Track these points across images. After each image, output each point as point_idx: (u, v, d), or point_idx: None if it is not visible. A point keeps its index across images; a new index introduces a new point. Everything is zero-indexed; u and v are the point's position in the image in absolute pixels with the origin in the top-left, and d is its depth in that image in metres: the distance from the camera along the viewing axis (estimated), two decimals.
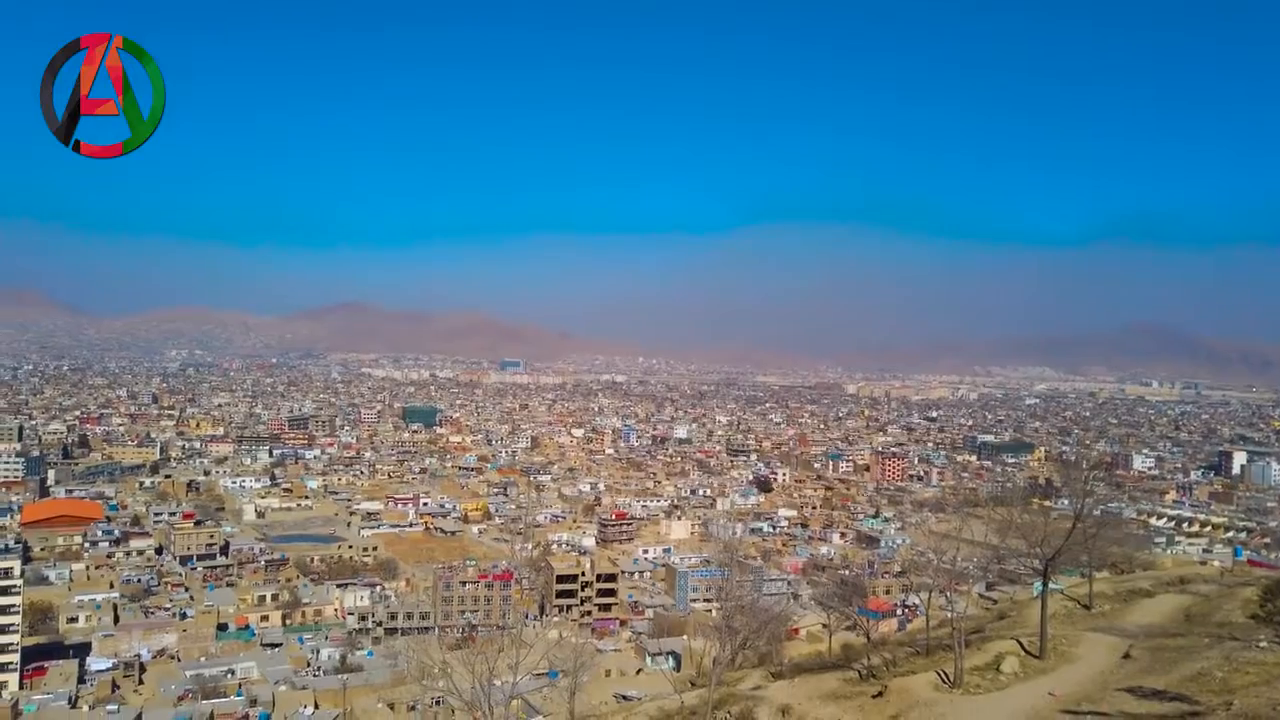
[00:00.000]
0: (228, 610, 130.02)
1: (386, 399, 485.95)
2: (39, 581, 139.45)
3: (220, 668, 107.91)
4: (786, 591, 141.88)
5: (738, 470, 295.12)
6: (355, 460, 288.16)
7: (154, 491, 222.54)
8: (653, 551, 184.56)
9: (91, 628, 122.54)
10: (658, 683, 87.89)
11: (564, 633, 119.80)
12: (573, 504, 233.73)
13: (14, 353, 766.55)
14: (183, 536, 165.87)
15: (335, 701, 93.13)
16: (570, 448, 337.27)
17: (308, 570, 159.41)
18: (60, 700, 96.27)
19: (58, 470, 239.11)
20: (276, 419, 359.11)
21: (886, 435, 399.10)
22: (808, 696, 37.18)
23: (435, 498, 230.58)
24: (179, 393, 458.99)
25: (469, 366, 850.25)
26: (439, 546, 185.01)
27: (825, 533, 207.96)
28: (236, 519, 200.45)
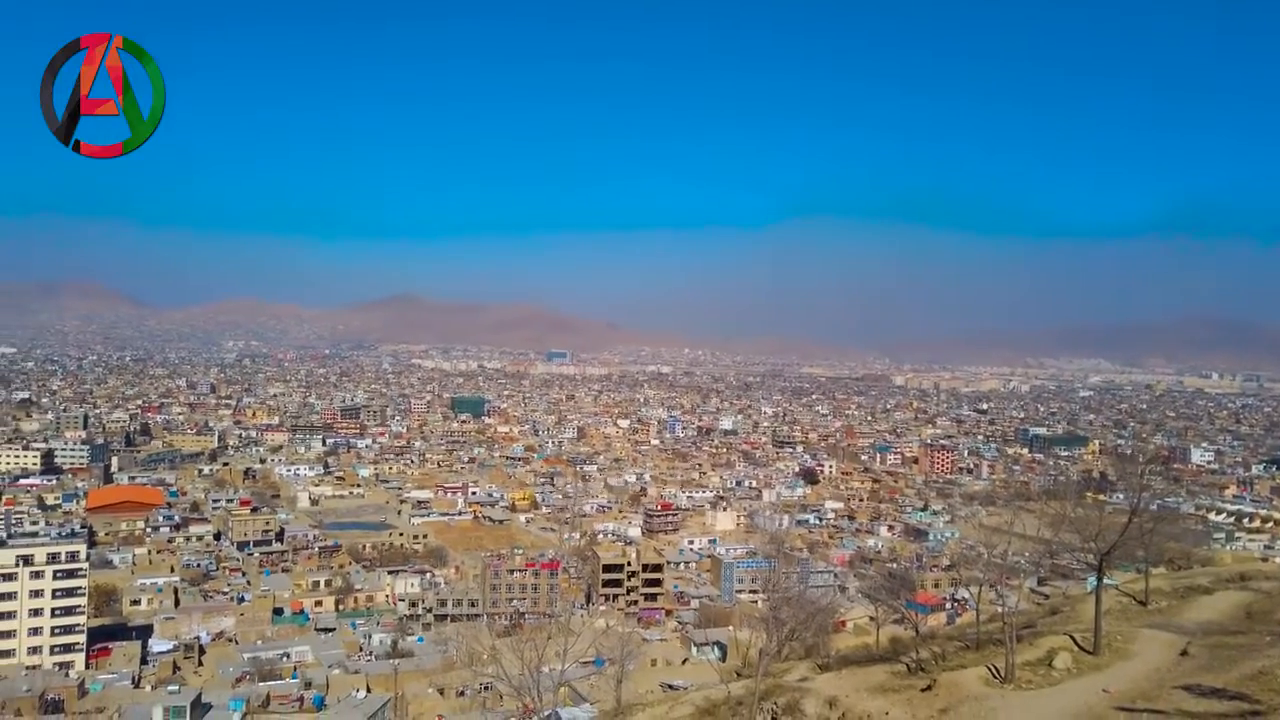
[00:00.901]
0: (283, 595, 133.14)
1: (436, 389, 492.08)
2: (103, 565, 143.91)
3: (276, 651, 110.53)
4: (833, 584, 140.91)
5: (784, 462, 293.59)
6: (405, 449, 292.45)
7: (212, 479, 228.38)
8: (698, 542, 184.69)
9: (153, 610, 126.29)
10: (703, 673, 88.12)
11: (610, 622, 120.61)
12: (618, 494, 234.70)
13: (79, 343, 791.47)
14: (240, 523, 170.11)
15: (387, 686, 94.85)
16: (616, 438, 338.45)
17: (360, 557, 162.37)
18: (124, 680, 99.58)
19: (121, 457, 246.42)
20: (330, 409, 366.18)
21: (935, 427, 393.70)
22: (855, 689, 37.01)
23: (483, 487, 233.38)
24: (236, 383, 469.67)
25: (516, 357, 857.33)
26: (487, 535, 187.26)
27: (873, 525, 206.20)
28: (291, 506, 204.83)
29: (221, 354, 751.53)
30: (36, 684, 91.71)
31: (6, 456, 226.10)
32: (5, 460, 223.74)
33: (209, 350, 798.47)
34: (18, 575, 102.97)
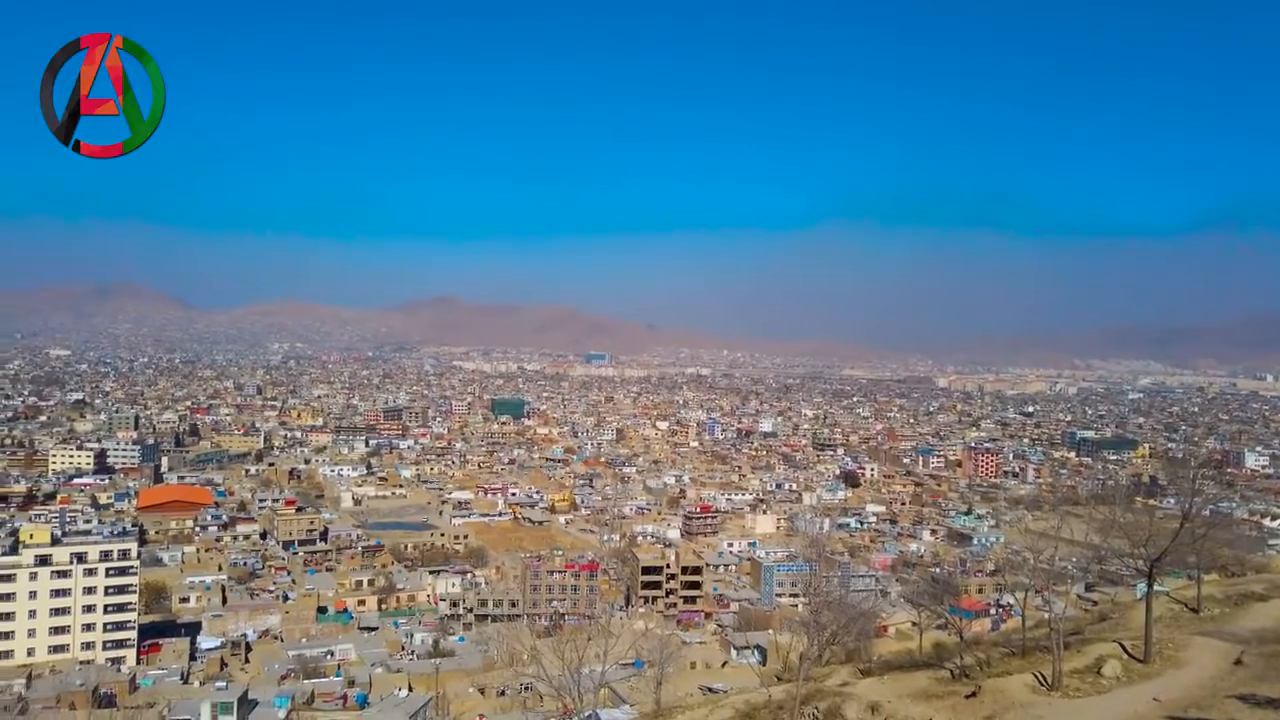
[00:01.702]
0: (327, 594, 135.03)
1: (476, 391, 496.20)
2: (153, 563, 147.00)
3: (320, 649, 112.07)
4: (875, 588, 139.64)
5: (824, 465, 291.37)
6: (446, 450, 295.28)
7: (258, 479, 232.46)
8: (737, 545, 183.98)
9: (201, 608, 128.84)
10: (743, 676, 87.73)
11: (650, 624, 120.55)
12: (657, 496, 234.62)
13: (131, 346, 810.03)
14: (285, 522, 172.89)
15: (428, 685, 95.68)
16: (655, 440, 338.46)
17: (402, 557, 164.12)
18: (173, 676, 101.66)
19: (170, 457, 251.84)
20: (372, 410, 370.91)
21: (979, 430, 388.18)
22: (897, 694, 36.62)
23: (523, 488, 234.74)
24: (281, 384, 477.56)
25: (556, 359, 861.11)
26: (527, 536, 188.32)
27: (915, 529, 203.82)
28: (335, 506, 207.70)
29: (267, 356, 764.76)
30: (90, 678, 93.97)
31: (61, 456, 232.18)
32: (60, 460, 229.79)
33: (255, 352, 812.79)
34: (72, 572, 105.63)
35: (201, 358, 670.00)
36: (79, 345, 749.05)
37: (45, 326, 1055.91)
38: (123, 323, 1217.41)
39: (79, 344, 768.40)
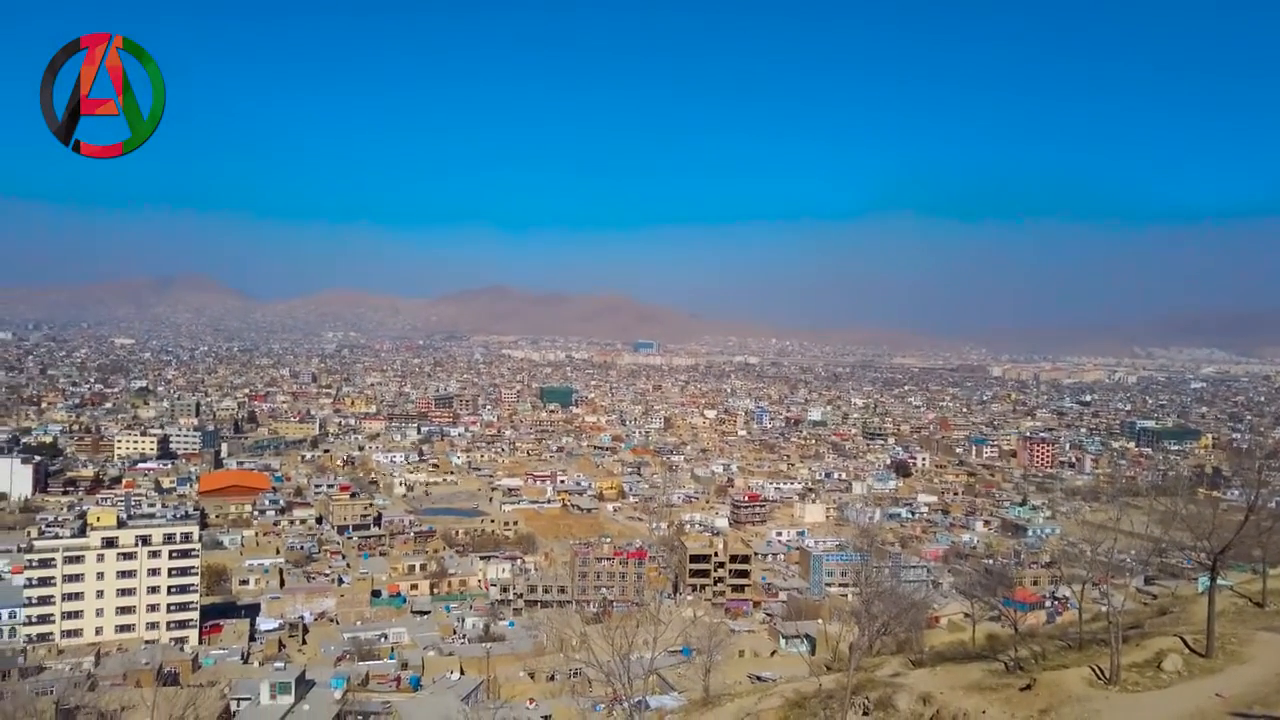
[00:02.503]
0: (380, 578, 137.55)
1: (525, 379, 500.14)
2: (214, 546, 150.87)
3: (375, 632, 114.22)
4: (926, 579, 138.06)
5: (874, 454, 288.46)
6: (496, 438, 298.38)
7: (314, 465, 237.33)
8: (786, 534, 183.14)
9: (260, 590, 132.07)
10: (792, 665, 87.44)
11: (698, 612, 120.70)
12: (705, 485, 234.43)
13: (191, 335, 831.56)
14: (340, 507, 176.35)
15: (479, 668, 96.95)
16: (703, 429, 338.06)
17: (453, 542, 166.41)
18: (234, 656, 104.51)
19: (230, 443, 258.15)
20: (424, 398, 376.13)
21: (1035, 420, 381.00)
22: (950, 686, 36.17)
23: (571, 476, 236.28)
24: (335, 372, 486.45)
25: (603, 348, 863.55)
26: (575, 523, 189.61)
27: (968, 520, 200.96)
28: (388, 492, 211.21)
29: (322, 344, 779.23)
30: (155, 657, 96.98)
31: (126, 442, 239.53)
32: (125, 445, 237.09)
33: (310, 341, 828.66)
34: (137, 554, 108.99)
35: (259, 346, 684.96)
36: (142, 334, 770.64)
37: (110, 316, 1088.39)
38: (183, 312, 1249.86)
39: (142, 333, 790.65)
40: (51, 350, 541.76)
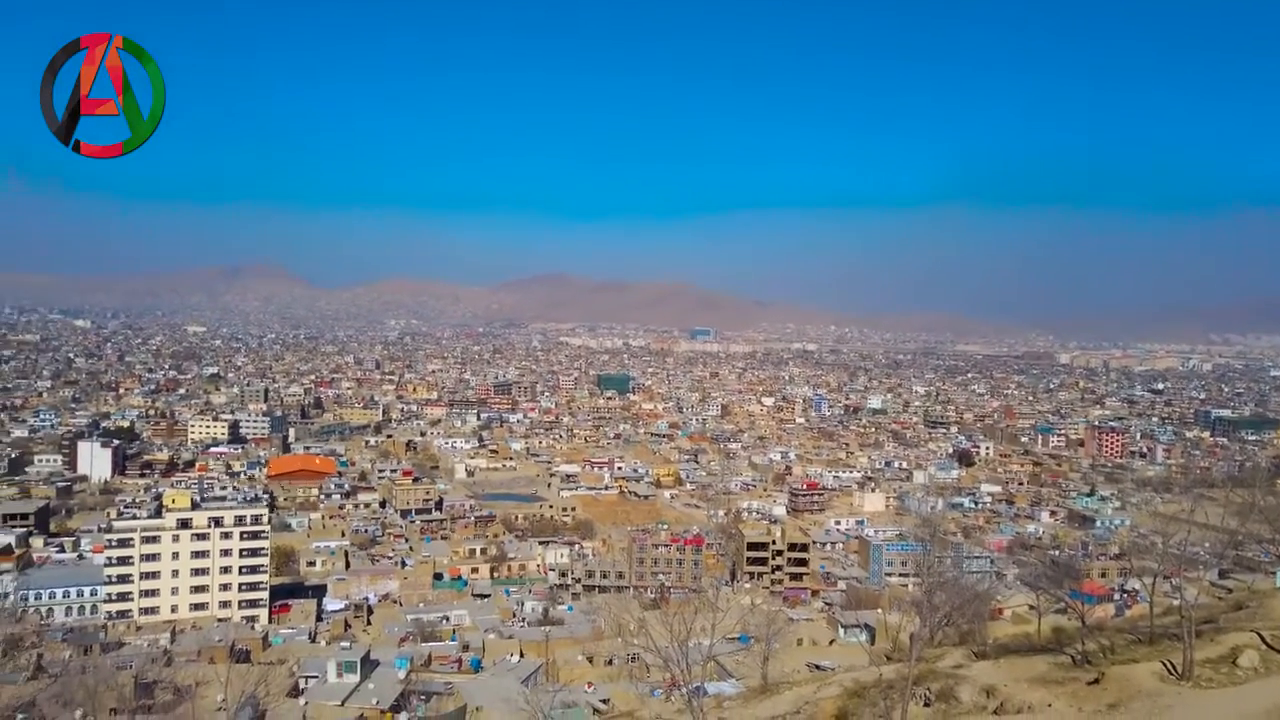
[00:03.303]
0: (442, 561, 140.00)
1: (583, 366, 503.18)
2: (282, 528, 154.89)
3: (436, 614, 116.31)
4: (989, 570, 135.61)
5: (936, 443, 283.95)
6: (554, 425, 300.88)
7: (377, 450, 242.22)
8: (845, 523, 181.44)
9: (326, 572, 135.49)
10: (851, 654, 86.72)
11: (756, 599, 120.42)
12: (763, 472, 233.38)
13: (259, 322, 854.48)
14: (403, 492, 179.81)
15: (539, 652, 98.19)
16: (760, 416, 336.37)
17: (512, 527, 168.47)
18: (302, 635, 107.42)
19: (297, 428, 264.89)
20: (483, 384, 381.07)
21: (1104, 408, 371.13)
22: (1014, 678, 35.53)
23: (629, 462, 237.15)
24: (398, 359, 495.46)
25: (661, 335, 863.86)
26: (633, 509, 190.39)
27: (1033, 510, 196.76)
28: (449, 477, 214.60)
29: (385, 332, 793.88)
30: (228, 635, 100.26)
31: (199, 427, 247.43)
32: (198, 430, 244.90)
33: (374, 328, 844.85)
34: (210, 535, 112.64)
35: (324, 334, 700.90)
36: (213, 322, 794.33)
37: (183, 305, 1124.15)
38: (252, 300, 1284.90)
39: (213, 321, 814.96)
40: (128, 337, 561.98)
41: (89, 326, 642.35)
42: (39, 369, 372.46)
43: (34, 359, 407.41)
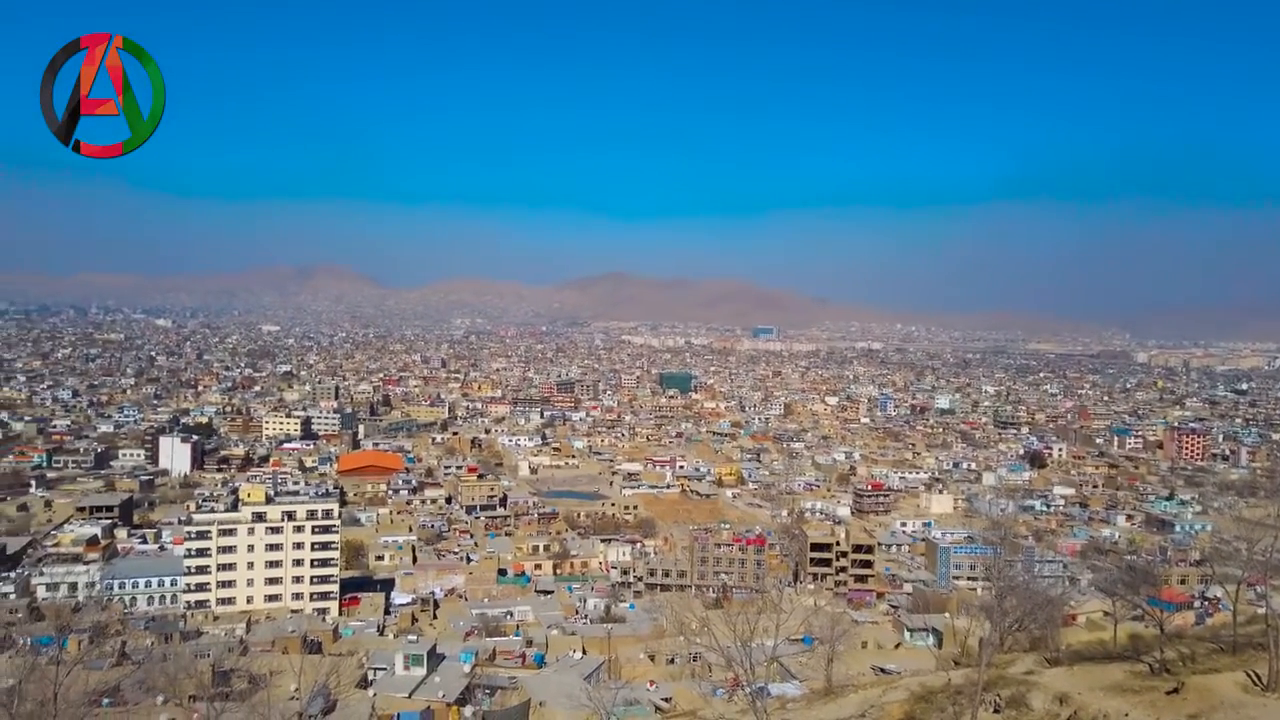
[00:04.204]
0: (506, 557, 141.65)
1: (645, 365, 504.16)
2: (352, 523, 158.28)
3: (501, 609, 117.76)
4: (1063, 574, 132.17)
5: (1006, 444, 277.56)
6: (616, 423, 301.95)
7: (443, 446, 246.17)
8: (911, 524, 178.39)
9: (394, 566, 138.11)
10: (918, 658, 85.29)
11: (819, 601, 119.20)
12: (826, 472, 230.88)
13: (330, 321, 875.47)
14: (468, 488, 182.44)
15: (601, 648, 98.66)
16: (824, 415, 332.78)
17: (575, 524, 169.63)
18: (370, 628, 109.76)
19: (366, 425, 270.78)
20: (547, 383, 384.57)
21: (1184, 409, 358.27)
22: (1089, 686, 34.55)
23: (691, 461, 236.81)
24: (463, 358, 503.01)
25: (723, 334, 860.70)
26: (694, 508, 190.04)
27: (1108, 514, 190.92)
28: (513, 474, 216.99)
29: (450, 330, 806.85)
30: (300, 626, 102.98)
31: (273, 423, 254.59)
32: (272, 426, 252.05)
33: (440, 327, 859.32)
34: (283, 529, 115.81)
35: (392, 332, 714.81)
36: (286, 321, 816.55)
37: (258, 304, 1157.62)
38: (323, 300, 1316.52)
39: (286, 320, 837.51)
40: (207, 336, 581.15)
41: (170, 325, 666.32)
42: (123, 366, 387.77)
43: (119, 357, 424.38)
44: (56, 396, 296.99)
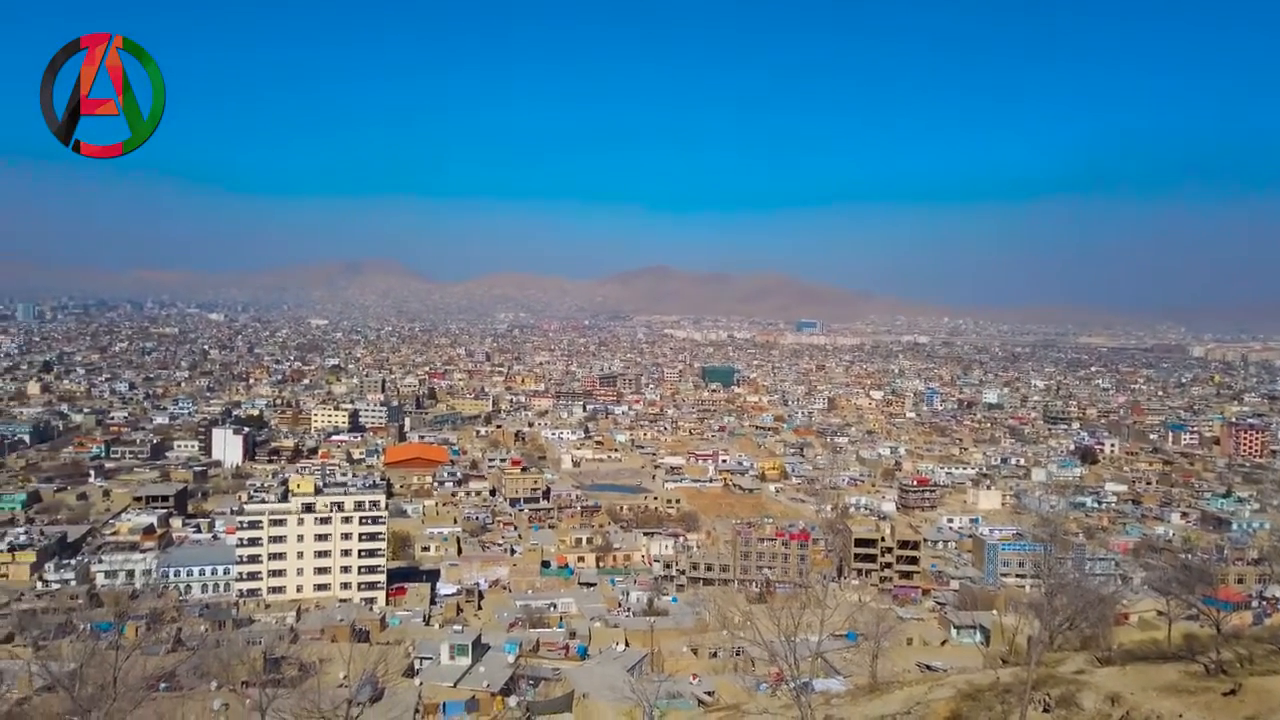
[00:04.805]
0: (549, 549, 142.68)
1: (687, 359, 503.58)
2: (398, 514, 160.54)
3: (544, 601, 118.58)
4: (1114, 572, 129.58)
5: (1056, 439, 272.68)
6: (659, 417, 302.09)
7: (488, 439, 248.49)
8: (958, 521, 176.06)
9: (440, 557, 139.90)
10: (964, 656, 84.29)
11: (864, 596, 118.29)
12: (871, 467, 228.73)
13: (377, 315, 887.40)
14: (512, 481, 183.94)
15: (643, 641, 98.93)
16: (868, 410, 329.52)
17: (617, 518, 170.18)
18: (416, 617, 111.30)
19: (412, 418, 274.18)
20: (589, 376, 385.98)
21: (1242, 404, 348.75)
22: (1141, 687, 33.88)
23: (733, 455, 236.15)
24: (507, 351, 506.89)
25: (765, 327, 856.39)
26: (737, 503, 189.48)
27: (1162, 511, 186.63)
28: (555, 467, 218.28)
29: (494, 324, 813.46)
30: (349, 615, 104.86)
31: (322, 415, 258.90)
32: (321, 419, 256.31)
33: (484, 321, 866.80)
34: (332, 519, 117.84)
35: (437, 327, 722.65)
36: (334, 315, 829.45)
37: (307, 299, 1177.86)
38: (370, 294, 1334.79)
39: (334, 314, 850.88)
40: (257, 330, 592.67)
41: (222, 320, 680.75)
42: (178, 360, 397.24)
43: (173, 350, 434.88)
44: (114, 389, 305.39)
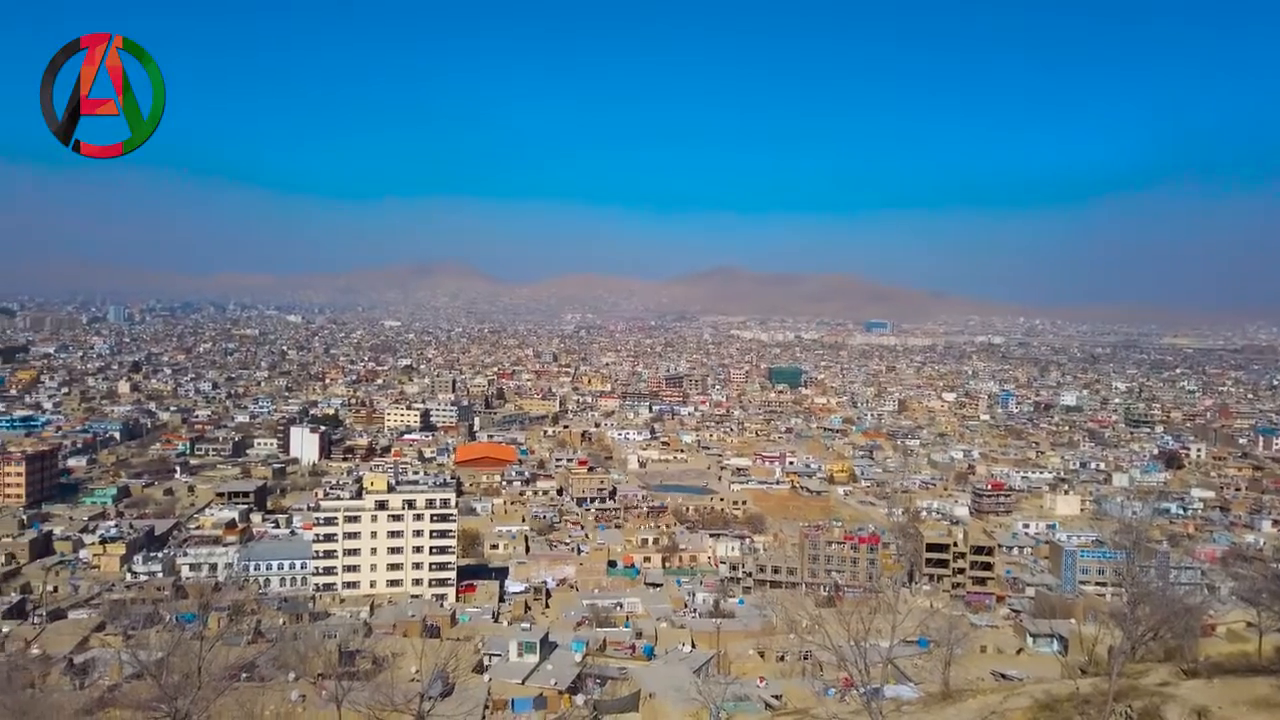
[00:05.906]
0: (616, 549, 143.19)
1: (754, 359, 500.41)
2: (468, 512, 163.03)
3: (611, 600, 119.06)
4: (1200, 582, 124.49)
5: (1139, 443, 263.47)
6: (725, 418, 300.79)
7: (555, 439, 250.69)
8: (1034, 526, 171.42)
9: (508, 555, 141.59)
10: (1041, 665, 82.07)
11: (936, 602, 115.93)
12: (943, 471, 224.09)
13: (448, 316, 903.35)
14: (578, 480, 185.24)
15: (709, 643, 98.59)
16: (940, 412, 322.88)
17: (683, 518, 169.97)
18: (485, 615, 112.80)
19: (481, 418, 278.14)
20: (655, 377, 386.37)
21: None
22: (1230, 700, 32.51)
23: (801, 457, 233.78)
24: (574, 352, 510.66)
25: (833, 328, 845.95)
26: (804, 505, 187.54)
27: (1253, 519, 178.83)
28: (622, 467, 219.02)
29: (561, 325, 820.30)
30: (420, 610, 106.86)
31: (394, 415, 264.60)
32: (394, 418, 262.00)
33: (551, 322, 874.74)
34: (404, 516, 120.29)
35: (506, 328, 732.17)
36: (407, 317, 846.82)
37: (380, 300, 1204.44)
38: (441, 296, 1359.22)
39: (407, 315, 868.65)
40: (333, 331, 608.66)
41: (299, 321, 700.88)
42: (258, 360, 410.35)
43: (254, 351, 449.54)
44: (198, 388, 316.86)
